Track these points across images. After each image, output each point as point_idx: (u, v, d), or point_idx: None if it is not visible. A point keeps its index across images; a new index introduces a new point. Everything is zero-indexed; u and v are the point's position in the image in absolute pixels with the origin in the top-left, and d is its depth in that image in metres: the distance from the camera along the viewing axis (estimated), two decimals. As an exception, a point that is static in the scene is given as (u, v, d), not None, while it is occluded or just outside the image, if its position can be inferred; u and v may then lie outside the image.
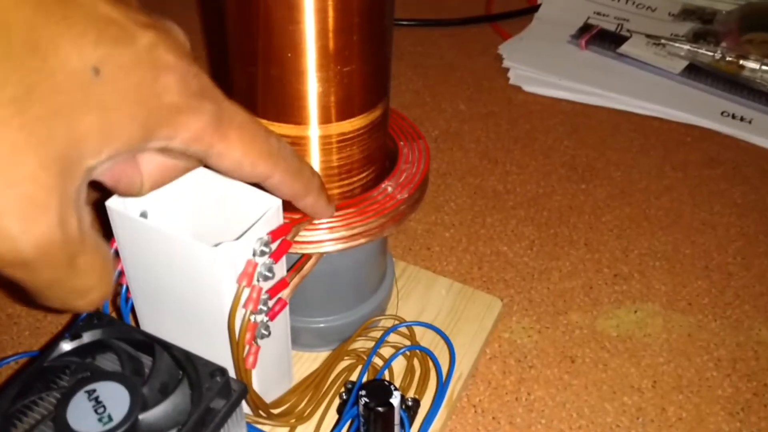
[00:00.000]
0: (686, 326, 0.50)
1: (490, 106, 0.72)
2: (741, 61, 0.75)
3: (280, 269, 0.34)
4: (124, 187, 0.28)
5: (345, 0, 0.31)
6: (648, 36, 0.80)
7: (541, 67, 0.76)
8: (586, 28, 0.82)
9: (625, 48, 0.78)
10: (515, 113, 0.71)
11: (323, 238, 0.36)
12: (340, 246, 0.36)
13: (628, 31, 0.82)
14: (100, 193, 0.30)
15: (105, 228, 0.55)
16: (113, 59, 0.22)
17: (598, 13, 0.88)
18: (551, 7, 0.88)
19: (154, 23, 0.24)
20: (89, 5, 0.22)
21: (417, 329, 0.45)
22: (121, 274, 0.35)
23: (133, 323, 0.38)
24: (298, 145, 0.35)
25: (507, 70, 0.77)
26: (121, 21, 0.23)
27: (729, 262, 0.55)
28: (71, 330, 0.32)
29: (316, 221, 0.36)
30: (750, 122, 0.70)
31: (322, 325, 0.43)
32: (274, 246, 0.32)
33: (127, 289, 0.36)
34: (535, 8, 0.88)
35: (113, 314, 0.42)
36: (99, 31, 0.22)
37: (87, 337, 0.32)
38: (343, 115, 0.35)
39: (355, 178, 0.38)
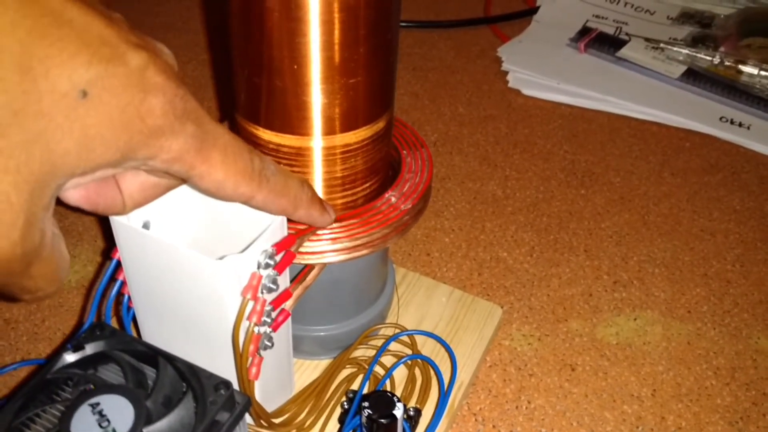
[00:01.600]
0: (685, 334, 0.50)
1: (489, 109, 0.72)
2: (739, 66, 0.75)
3: (284, 280, 0.34)
4: (104, 209, 0.28)
5: (351, 12, 0.31)
6: (647, 40, 0.80)
7: (540, 71, 0.76)
8: (584, 31, 0.82)
9: (623, 52, 0.78)
10: (514, 117, 0.71)
11: (326, 249, 0.35)
12: (343, 257, 0.36)
13: (626, 34, 0.82)
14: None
15: (108, 238, 0.55)
16: (103, 80, 0.22)
17: (597, 16, 0.88)
18: (550, 9, 0.88)
19: (146, 44, 0.24)
20: (84, 25, 0.22)
21: (418, 337, 0.45)
22: (123, 284, 0.35)
23: (134, 332, 0.37)
24: (301, 156, 0.35)
25: (506, 73, 0.77)
26: (114, 41, 0.23)
27: (728, 269, 0.55)
28: (73, 341, 0.32)
29: (319, 231, 0.35)
30: (748, 128, 0.70)
31: (323, 333, 0.42)
32: (278, 258, 0.32)
33: (129, 298, 0.36)
34: (534, 10, 0.88)
35: (114, 323, 0.42)
36: (92, 52, 0.22)
37: (90, 349, 0.32)
38: (348, 126, 0.34)
39: (358, 189, 0.37)
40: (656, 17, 0.87)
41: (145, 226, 0.34)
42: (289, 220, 0.34)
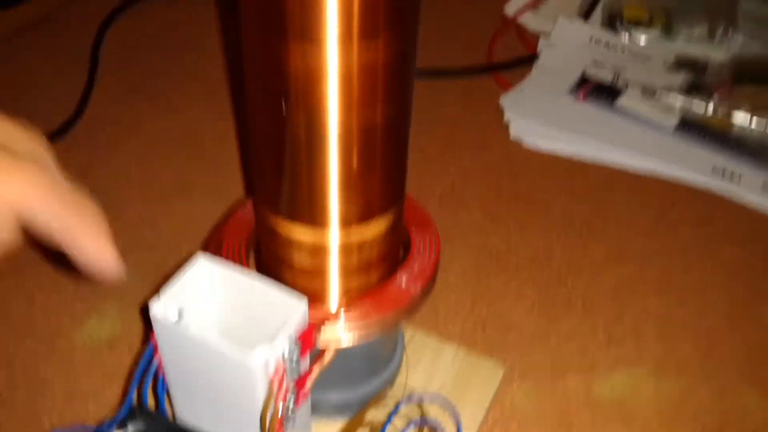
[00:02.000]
0: (676, 391, 0.53)
1: (493, 162, 0.75)
2: (732, 114, 0.79)
3: (305, 364, 0.38)
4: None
5: (369, 134, 0.34)
6: (643, 88, 0.83)
7: (541, 121, 0.79)
8: (583, 80, 0.86)
9: (621, 102, 0.81)
10: (516, 169, 0.75)
11: (342, 334, 0.39)
12: (357, 339, 0.39)
13: (624, 81, 0.85)
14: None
15: (146, 324, 0.58)
16: None
17: (596, 61, 0.91)
18: (550, 56, 0.92)
19: None
20: None
21: (425, 396, 0.48)
22: (159, 365, 0.39)
23: (167, 407, 0.41)
24: (319, 248, 0.39)
25: (508, 123, 0.80)
26: None
27: (717, 325, 0.59)
28: (117, 421, 0.36)
29: (337, 319, 0.39)
30: (740, 178, 0.73)
31: (336, 399, 0.46)
32: (300, 345, 0.36)
33: (164, 378, 0.40)
34: (536, 56, 0.92)
35: (150, 396, 0.45)
36: None
37: (132, 429, 0.35)
38: (363, 219, 0.38)
39: (372, 273, 0.41)
40: (653, 63, 0.91)
41: (180, 313, 0.37)
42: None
